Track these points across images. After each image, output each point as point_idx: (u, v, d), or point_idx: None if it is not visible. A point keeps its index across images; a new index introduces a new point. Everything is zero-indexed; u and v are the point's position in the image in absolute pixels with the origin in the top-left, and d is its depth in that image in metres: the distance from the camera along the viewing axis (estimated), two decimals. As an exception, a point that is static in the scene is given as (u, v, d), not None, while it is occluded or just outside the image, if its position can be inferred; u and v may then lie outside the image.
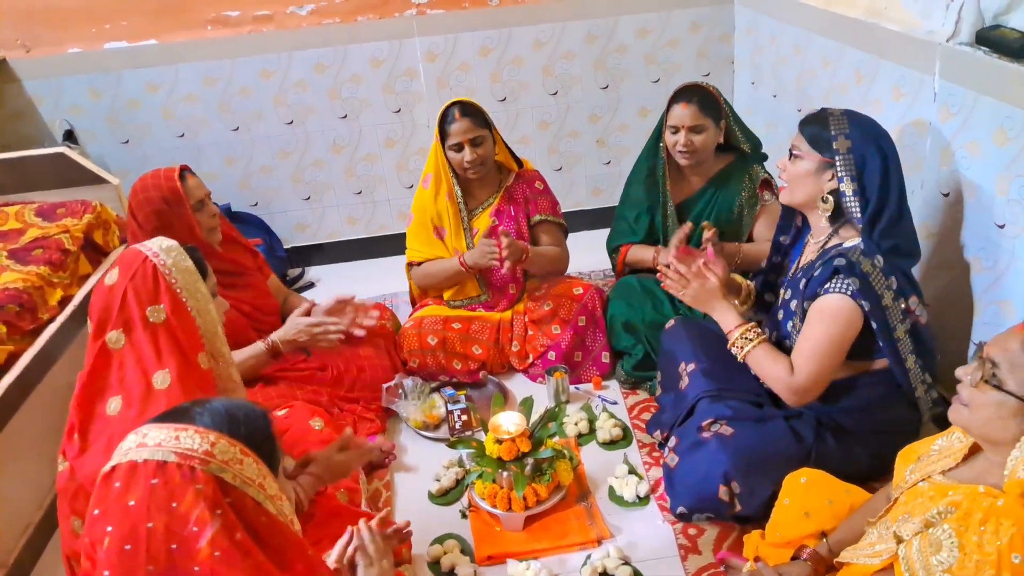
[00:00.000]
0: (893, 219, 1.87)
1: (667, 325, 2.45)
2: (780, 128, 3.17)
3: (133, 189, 2.31)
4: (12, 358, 2.21)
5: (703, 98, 2.50)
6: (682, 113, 2.50)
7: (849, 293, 1.80)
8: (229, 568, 1.01)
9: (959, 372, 1.36)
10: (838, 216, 1.93)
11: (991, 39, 1.96)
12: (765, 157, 2.69)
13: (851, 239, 1.91)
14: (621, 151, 3.72)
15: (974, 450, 1.40)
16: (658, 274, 2.14)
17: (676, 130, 2.52)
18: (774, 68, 3.19)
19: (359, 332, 2.44)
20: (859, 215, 1.87)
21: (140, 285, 1.62)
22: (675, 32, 3.51)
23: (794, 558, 1.68)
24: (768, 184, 2.61)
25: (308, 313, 2.41)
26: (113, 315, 1.61)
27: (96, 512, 1.06)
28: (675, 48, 3.54)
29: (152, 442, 1.07)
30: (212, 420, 1.11)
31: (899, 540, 1.36)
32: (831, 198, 1.91)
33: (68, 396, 2.38)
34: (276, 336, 2.35)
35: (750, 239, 2.66)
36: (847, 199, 1.88)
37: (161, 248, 1.69)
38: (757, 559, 1.75)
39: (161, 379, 1.59)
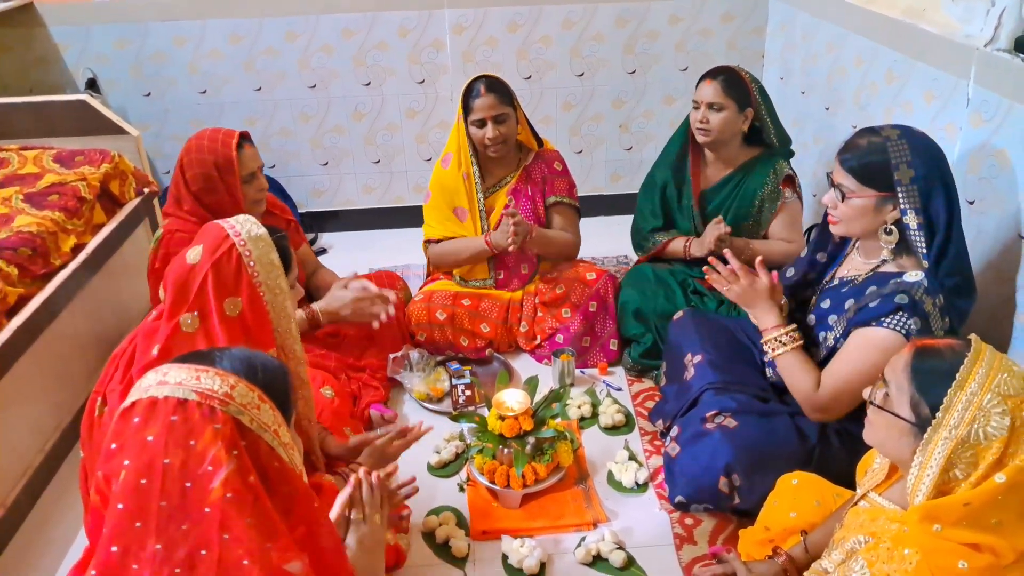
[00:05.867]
0: (958, 253, 1.75)
1: (675, 316, 2.43)
2: (806, 125, 3.13)
3: (188, 144, 2.26)
4: (22, 301, 2.21)
5: (729, 79, 2.49)
6: (704, 89, 2.50)
7: (904, 332, 1.70)
8: (239, 512, 1.02)
9: (864, 392, 1.34)
10: (900, 245, 1.79)
11: (1031, 47, 1.93)
12: (792, 153, 2.65)
13: (912, 271, 1.76)
14: (644, 138, 3.69)
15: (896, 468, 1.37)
16: (704, 267, 2.06)
17: (697, 106, 2.53)
18: (804, 65, 3.15)
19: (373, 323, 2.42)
20: (925, 250, 1.72)
21: (223, 273, 1.57)
22: (707, 21, 3.46)
23: (772, 557, 1.66)
24: (791, 181, 2.58)
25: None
26: (190, 297, 1.57)
27: (113, 446, 1.06)
28: (706, 38, 3.49)
29: (173, 380, 1.07)
30: (232, 365, 1.11)
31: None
32: (895, 229, 1.75)
33: (75, 343, 2.43)
34: (319, 306, 2.33)
35: (765, 236, 2.63)
36: (912, 232, 1.73)
37: (249, 236, 1.61)
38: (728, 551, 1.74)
39: None
